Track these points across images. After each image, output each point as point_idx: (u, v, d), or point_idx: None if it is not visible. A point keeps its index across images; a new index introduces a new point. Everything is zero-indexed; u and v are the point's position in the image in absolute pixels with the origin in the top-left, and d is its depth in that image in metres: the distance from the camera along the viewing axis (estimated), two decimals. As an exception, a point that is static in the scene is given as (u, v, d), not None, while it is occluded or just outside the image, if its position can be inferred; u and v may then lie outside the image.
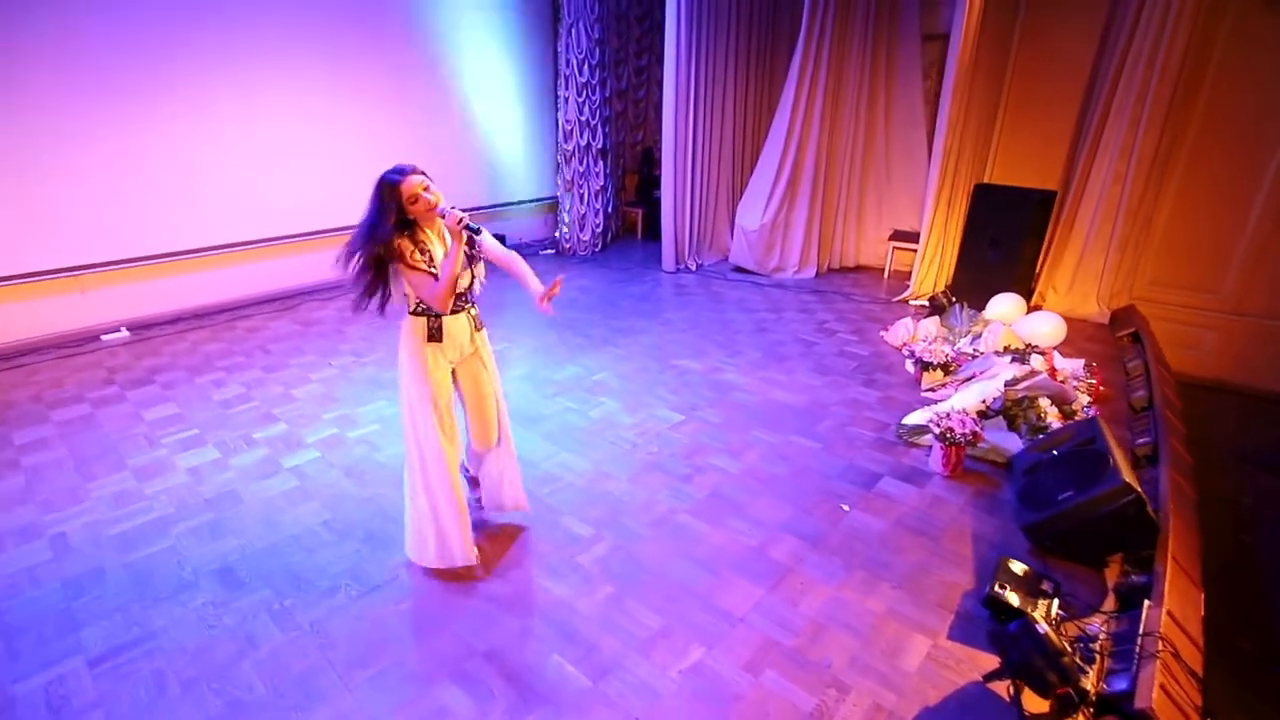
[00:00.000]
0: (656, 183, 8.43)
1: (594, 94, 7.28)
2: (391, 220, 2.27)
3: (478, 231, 2.38)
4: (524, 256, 2.63)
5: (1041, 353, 4.15)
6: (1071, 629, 2.34)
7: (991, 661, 2.25)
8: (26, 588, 2.61)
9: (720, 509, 3.11)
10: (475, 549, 2.64)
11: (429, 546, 2.58)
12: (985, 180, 6.17)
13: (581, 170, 7.48)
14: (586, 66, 7.10)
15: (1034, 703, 2.06)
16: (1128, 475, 2.59)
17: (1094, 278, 5.58)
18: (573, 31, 6.94)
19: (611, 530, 2.95)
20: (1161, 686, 1.92)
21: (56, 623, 2.43)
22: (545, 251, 7.92)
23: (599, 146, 7.54)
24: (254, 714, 2.07)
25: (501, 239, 2.39)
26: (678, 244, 7.09)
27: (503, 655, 2.29)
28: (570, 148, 7.38)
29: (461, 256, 2.34)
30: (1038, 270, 5.84)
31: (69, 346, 5.06)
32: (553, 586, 2.62)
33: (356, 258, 2.31)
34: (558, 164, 7.68)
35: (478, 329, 2.59)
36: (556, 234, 8.01)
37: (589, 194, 7.63)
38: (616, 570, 2.71)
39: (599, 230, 7.87)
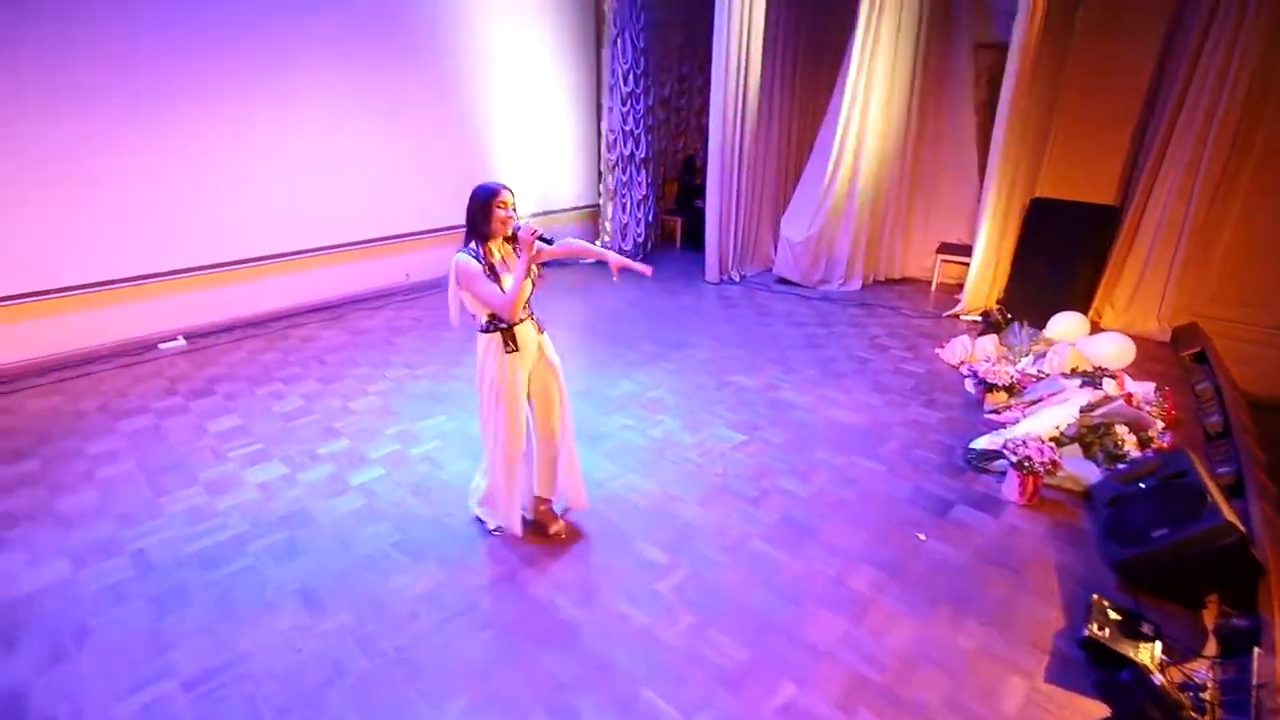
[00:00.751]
0: (697, 191, 8.42)
1: (638, 103, 7.27)
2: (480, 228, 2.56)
3: (550, 241, 2.59)
4: (565, 268, 2.76)
5: (1113, 376, 4.05)
6: (1175, 674, 2.26)
7: (1095, 708, 2.18)
8: (113, 605, 2.65)
9: (794, 535, 3.07)
10: (521, 526, 2.98)
11: (498, 513, 2.98)
12: (1036, 193, 6.06)
13: (624, 179, 7.47)
14: (631, 76, 7.09)
15: (1146, 754, 2.00)
16: (1229, 513, 2.51)
17: (1155, 295, 5.44)
18: (618, 42, 6.94)
19: (686, 556, 2.92)
20: (1288, 743, 1.85)
21: (146, 642, 2.46)
22: (585, 261, 7.91)
23: (642, 156, 7.53)
24: (350, 744, 2.07)
25: (551, 241, 2.54)
26: (721, 255, 7.04)
27: (593, 688, 2.27)
28: (613, 157, 7.38)
29: (530, 268, 2.55)
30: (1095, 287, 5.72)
31: (129, 355, 5.15)
32: (633, 614, 2.60)
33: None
34: (600, 173, 7.68)
35: (540, 332, 2.79)
36: (598, 242, 8.00)
37: (631, 203, 7.63)
38: (696, 599, 2.68)
39: (640, 239, 7.86)
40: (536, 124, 7.43)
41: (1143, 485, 2.91)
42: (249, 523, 3.15)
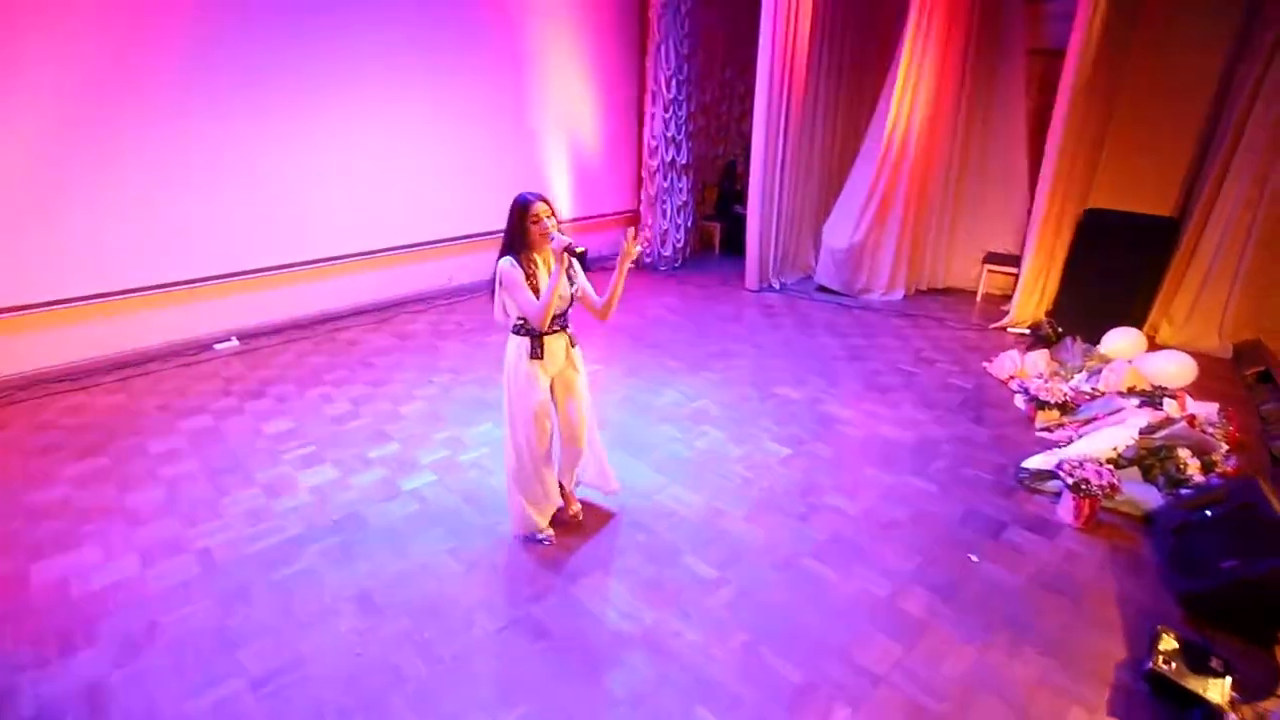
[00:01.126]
0: (737, 196, 8.39)
1: (680, 109, 7.27)
2: (518, 237, 2.64)
3: (582, 256, 2.62)
4: (605, 270, 2.83)
5: (1173, 396, 3.93)
6: (1248, 713, 2.20)
7: (1163, 745, 2.13)
8: (181, 603, 2.74)
9: (844, 554, 3.05)
10: (551, 530, 3.11)
11: (522, 521, 3.05)
12: (1089, 203, 5.90)
13: (665, 186, 7.48)
14: (674, 83, 7.10)
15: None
16: (1306, 548, 2.42)
17: (1216, 309, 5.27)
18: (662, 49, 6.95)
19: (736, 572, 2.92)
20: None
21: (214, 641, 2.54)
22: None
23: (683, 162, 7.53)
24: (412, 751, 2.12)
25: (583, 254, 2.54)
26: (762, 262, 7.01)
27: (647, 704, 2.28)
28: (655, 164, 7.39)
29: (564, 280, 2.65)
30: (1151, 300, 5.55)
31: (186, 355, 5.32)
32: (685, 630, 2.61)
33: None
34: (641, 179, 7.70)
35: (572, 345, 2.90)
36: (636, 247, 8.01)
37: (671, 210, 7.63)
38: (747, 616, 2.68)
39: (679, 245, 7.86)
40: (578, 130, 7.48)
41: (1209, 514, 2.82)
42: (305, 525, 3.24)
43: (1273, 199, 4.88)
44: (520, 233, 2.64)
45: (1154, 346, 5.16)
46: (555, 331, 2.80)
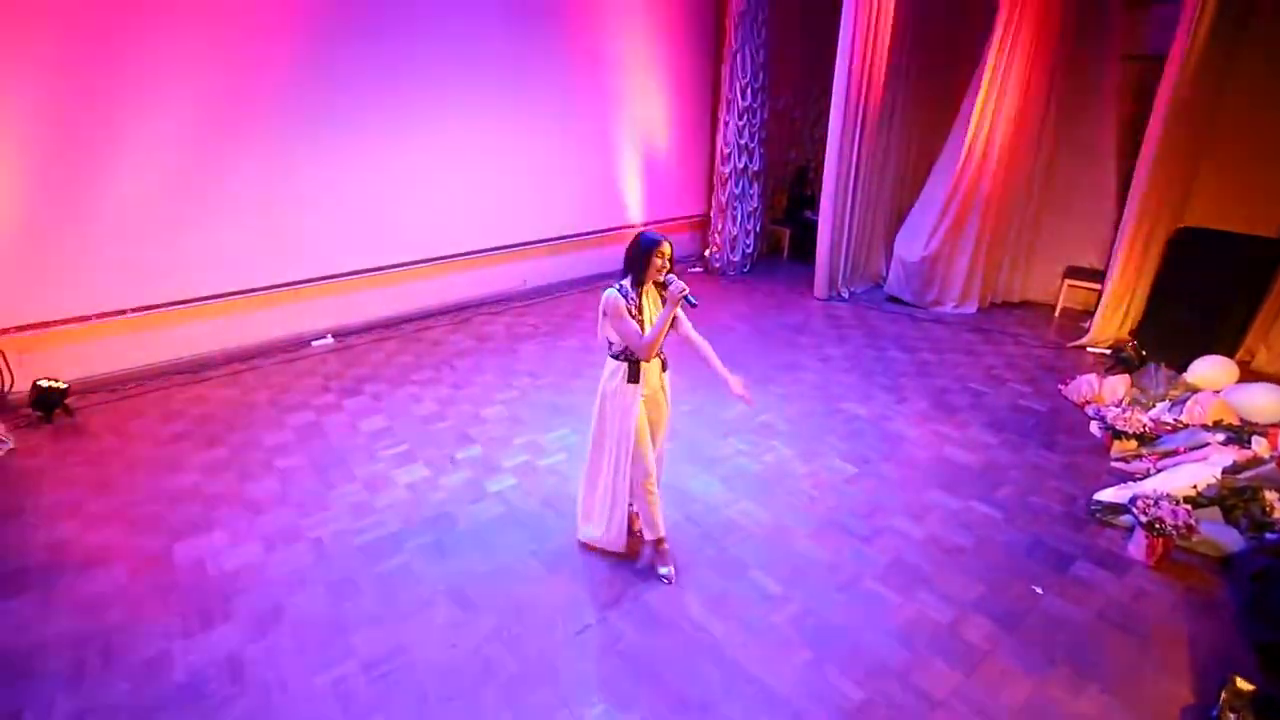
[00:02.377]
0: (808, 202, 8.39)
1: (754, 117, 7.33)
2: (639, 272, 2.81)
3: (694, 304, 2.80)
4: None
5: (1263, 433, 3.81)
6: (1319, 770, 2.20)
7: (1226, 794, 2.17)
8: (299, 588, 3.09)
9: (907, 578, 3.14)
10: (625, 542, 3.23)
11: (609, 533, 3.17)
12: (1183, 221, 5.65)
13: (737, 193, 7.56)
14: (749, 91, 7.16)
15: None
16: (1393, 607, 2.37)
17: (1319, 338, 5.00)
18: (738, 57, 7.01)
19: (800, 590, 3.06)
20: None
21: (330, 625, 2.87)
22: (693, 269, 8.09)
23: (755, 169, 7.59)
24: (505, 738, 2.37)
25: (695, 304, 2.72)
26: (832, 272, 7.02)
27: (715, 711, 2.47)
28: (727, 170, 7.48)
29: (669, 321, 2.82)
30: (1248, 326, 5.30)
31: (288, 351, 5.80)
32: (750, 643, 2.77)
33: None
34: (712, 184, 7.80)
35: (664, 369, 3.04)
36: (706, 252, 8.15)
37: (741, 216, 7.71)
38: (811, 634, 2.82)
39: (749, 251, 7.94)
40: (651, 136, 7.64)
41: (1292, 562, 2.78)
42: (402, 521, 3.56)
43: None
44: (642, 266, 2.79)
45: (1247, 374, 4.95)
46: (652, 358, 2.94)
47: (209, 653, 2.71)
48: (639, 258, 2.80)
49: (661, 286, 2.84)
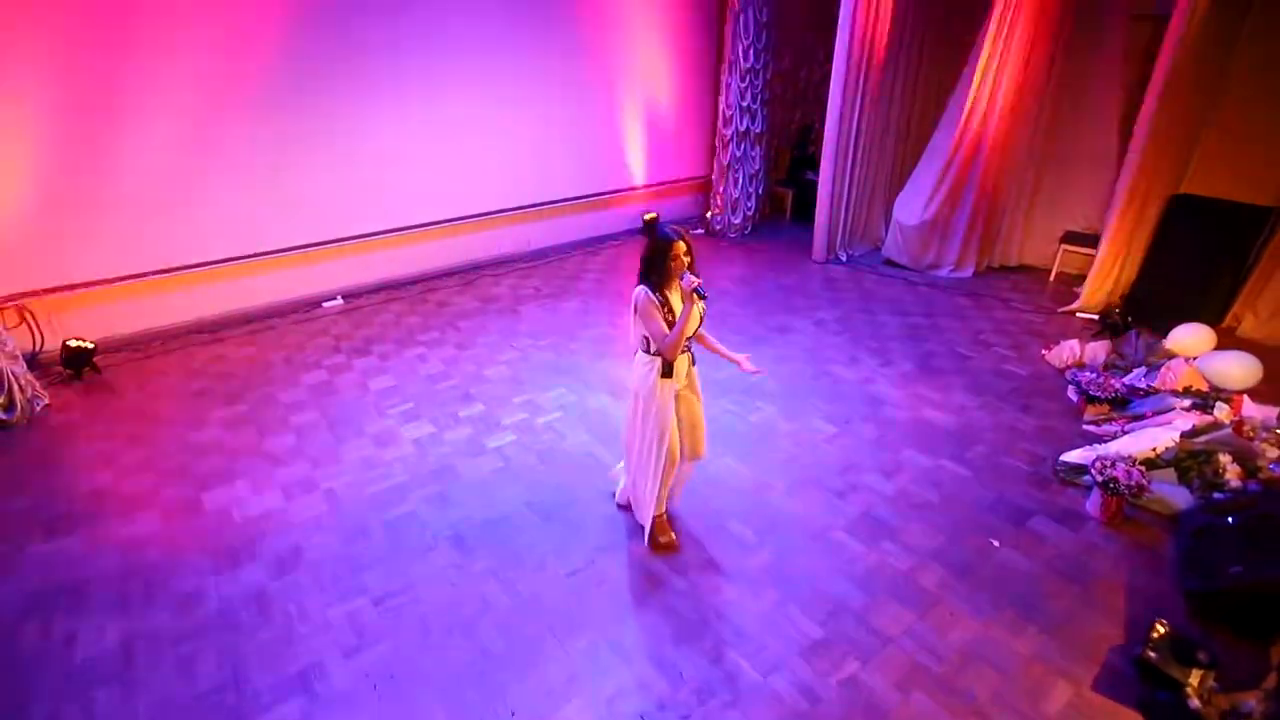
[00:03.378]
0: (809, 162, 8.41)
1: (757, 79, 7.32)
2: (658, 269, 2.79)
3: (705, 296, 2.83)
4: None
5: (1227, 400, 3.96)
6: (1223, 702, 2.45)
7: (1135, 720, 2.43)
8: (316, 532, 3.39)
9: (873, 530, 3.39)
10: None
11: (644, 512, 3.23)
12: (1180, 187, 5.67)
13: (739, 155, 7.60)
14: (752, 52, 7.14)
15: (1177, 767, 2.24)
16: (1309, 560, 2.58)
17: (1305, 304, 5.09)
18: (741, 19, 6.97)
19: (773, 539, 3.32)
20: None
21: (343, 564, 3.18)
22: (695, 231, 8.19)
23: (758, 131, 7.61)
24: (502, 665, 2.67)
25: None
26: (830, 234, 7.11)
27: (688, 644, 2.75)
28: (729, 133, 7.51)
29: (694, 316, 2.83)
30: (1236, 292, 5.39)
31: (301, 312, 6.05)
32: (724, 586, 3.05)
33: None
34: (714, 147, 7.84)
35: (692, 364, 3.10)
36: (708, 214, 8.24)
37: (743, 178, 7.77)
38: (779, 578, 3.09)
39: (750, 213, 8.02)
40: (654, 99, 7.66)
41: (1230, 520, 2.98)
42: (408, 474, 3.84)
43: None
44: (661, 270, 2.76)
45: (1234, 339, 5.06)
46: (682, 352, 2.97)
47: (238, 587, 3.03)
48: (655, 261, 2.76)
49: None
